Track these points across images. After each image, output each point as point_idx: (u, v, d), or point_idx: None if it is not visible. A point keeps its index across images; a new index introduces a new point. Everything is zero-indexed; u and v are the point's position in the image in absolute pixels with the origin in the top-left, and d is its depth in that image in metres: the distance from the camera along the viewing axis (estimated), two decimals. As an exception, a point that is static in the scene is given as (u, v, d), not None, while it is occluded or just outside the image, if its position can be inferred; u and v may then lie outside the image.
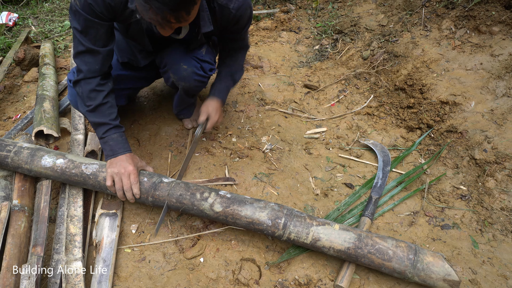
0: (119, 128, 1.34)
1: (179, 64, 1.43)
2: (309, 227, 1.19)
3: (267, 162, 1.69)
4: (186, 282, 1.22)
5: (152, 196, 1.29)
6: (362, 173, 1.68)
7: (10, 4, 3.34)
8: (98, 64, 1.27)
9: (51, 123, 1.64)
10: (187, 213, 1.31)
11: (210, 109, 1.52)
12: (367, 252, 1.15)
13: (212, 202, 1.25)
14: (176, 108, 1.81)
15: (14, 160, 1.38)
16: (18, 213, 1.27)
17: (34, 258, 1.10)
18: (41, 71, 2.12)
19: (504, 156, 1.53)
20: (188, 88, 1.53)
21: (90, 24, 1.18)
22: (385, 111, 2.02)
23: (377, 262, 1.15)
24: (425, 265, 1.12)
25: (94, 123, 1.32)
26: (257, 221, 1.21)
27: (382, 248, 1.15)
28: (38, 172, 1.37)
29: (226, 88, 1.60)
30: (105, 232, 1.31)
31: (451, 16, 2.16)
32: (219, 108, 1.56)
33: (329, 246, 1.18)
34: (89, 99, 1.30)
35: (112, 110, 1.33)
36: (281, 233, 1.20)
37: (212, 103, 1.54)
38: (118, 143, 1.32)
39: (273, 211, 1.22)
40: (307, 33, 2.85)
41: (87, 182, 1.35)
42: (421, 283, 1.14)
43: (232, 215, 1.23)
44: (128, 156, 1.31)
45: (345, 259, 1.21)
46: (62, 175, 1.35)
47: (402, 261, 1.13)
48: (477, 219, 1.44)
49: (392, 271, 1.15)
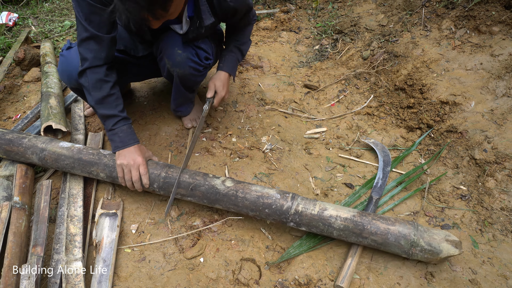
0: (128, 120, 1.37)
1: (173, 48, 1.41)
2: (315, 201, 1.28)
3: (267, 162, 1.69)
4: (186, 282, 1.22)
5: (166, 172, 1.34)
6: (362, 173, 1.68)
7: (10, 4, 3.34)
8: (104, 52, 1.27)
9: (59, 118, 1.65)
10: (198, 189, 1.30)
11: (217, 84, 1.50)
12: (371, 219, 1.21)
13: (224, 179, 1.33)
14: (173, 102, 1.75)
15: (31, 140, 1.45)
16: (19, 211, 1.27)
17: (34, 258, 1.10)
18: (43, 70, 2.13)
19: (504, 156, 1.53)
20: (183, 76, 1.50)
21: (94, 9, 1.18)
22: (385, 111, 2.02)
23: (382, 227, 1.18)
24: (426, 228, 1.20)
25: (102, 115, 1.33)
26: (267, 195, 1.27)
27: (384, 216, 1.24)
28: (52, 151, 1.41)
29: (233, 60, 1.57)
30: (105, 232, 1.31)
31: (451, 16, 2.16)
32: (227, 81, 1.53)
33: (336, 215, 1.21)
34: (95, 89, 1.30)
35: (119, 101, 1.35)
36: (290, 204, 1.23)
37: (219, 76, 1.51)
38: (128, 134, 1.34)
39: (280, 190, 1.31)
40: (307, 33, 2.85)
41: (101, 161, 1.38)
42: (428, 247, 1.15)
43: (242, 189, 1.28)
44: (137, 148, 1.34)
45: (352, 229, 1.20)
46: (77, 153, 1.40)
47: (404, 224, 1.19)
48: (477, 219, 1.44)
49: (398, 235, 1.16)
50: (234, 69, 1.59)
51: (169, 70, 1.50)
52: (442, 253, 1.15)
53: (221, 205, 1.32)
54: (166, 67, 1.49)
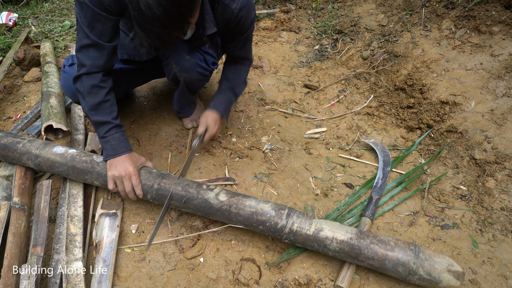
0: (120, 128, 1.34)
1: (182, 54, 1.41)
2: (312, 219, 1.22)
3: (267, 162, 1.69)
4: (186, 282, 1.22)
5: (158, 184, 1.31)
6: (362, 173, 1.68)
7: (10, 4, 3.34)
8: (103, 60, 1.26)
9: (59, 117, 1.64)
10: (191, 202, 1.28)
11: (209, 120, 1.51)
12: (369, 243, 1.15)
13: (218, 192, 1.29)
14: (176, 104, 1.77)
15: (26, 146, 1.41)
16: (18, 212, 1.27)
17: (34, 258, 1.10)
18: (43, 69, 2.13)
19: (504, 156, 1.53)
20: (190, 81, 1.51)
21: (97, 17, 1.17)
22: (385, 111, 2.02)
23: (380, 253, 1.13)
24: (427, 255, 1.12)
25: (96, 122, 1.31)
26: (261, 211, 1.23)
27: (383, 239, 1.17)
28: (46, 158, 1.38)
29: (226, 101, 1.57)
30: (105, 232, 1.31)
31: (451, 16, 2.16)
32: (218, 120, 1.54)
33: (332, 236, 1.17)
34: (90, 95, 1.28)
35: (113, 108, 1.33)
36: (284, 223, 1.20)
37: (211, 114, 1.52)
38: (120, 142, 1.32)
39: (276, 205, 1.26)
40: (307, 33, 2.85)
41: (94, 169, 1.34)
42: (427, 277, 1.10)
43: (236, 204, 1.25)
44: (128, 157, 1.31)
45: (348, 252, 1.16)
46: (70, 161, 1.37)
47: (405, 250, 1.13)
48: (477, 219, 1.44)
49: (396, 263, 1.11)
50: (227, 110, 1.59)
51: (175, 75, 1.51)
52: (441, 283, 1.10)
53: (215, 218, 1.30)
54: (173, 72, 1.50)
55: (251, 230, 1.28)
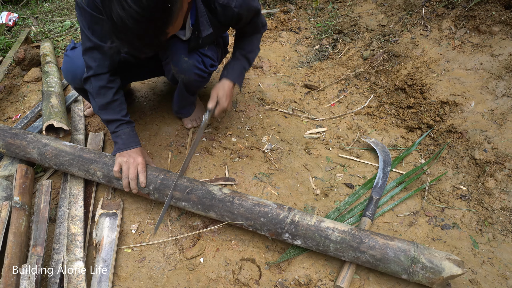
0: (131, 124, 1.40)
1: (180, 55, 1.41)
2: (312, 214, 1.27)
3: (267, 162, 1.69)
4: (186, 282, 1.22)
5: (164, 175, 1.34)
6: (362, 173, 1.68)
7: (10, 4, 3.34)
8: (107, 60, 1.30)
9: (60, 117, 1.65)
10: (194, 193, 1.29)
11: (220, 93, 1.44)
12: (369, 233, 1.19)
13: (221, 188, 1.34)
14: (175, 105, 1.77)
15: (36, 136, 1.49)
16: (19, 211, 1.27)
17: (34, 258, 1.10)
18: (44, 69, 2.13)
19: (504, 156, 1.53)
20: (187, 82, 1.51)
21: (96, 20, 1.19)
22: (385, 111, 2.02)
23: (381, 241, 1.16)
24: (425, 246, 1.17)
25: (106, 120, 1.37)
26: (263, 203, 1.27)
27: (382, 233, 1.22)
28: (54, 147, 1.43)
29: (240, 68, 1.51)
30: (105, 232, 1.31)
31: (451, 16, 2.16)
32: (230, 91, 1.47)
33: (333, 226, 1.20)
34: (99, 96, 1.33)
35: (123, 106, 1.38)
36: (286, 214, 1.23)
37: (223, 85, 1.46)
38: (130, 137, 1.38)
39: (278, 203, 1.30)
40: (307, 33, 2.85)
41: (101, 159, 1.39)
42: (429, 264, 1.10)
43: (239, 196, 1.29)
44: (138, 150, 1.37)
45: (349, 242, 1.16)
46: (78, 151, 1.43)
47: (404, 241, 1.17)
48: (477, 219, 1.44)
49: (398, 250, 1.13)
50: (240, 77, 1.53)
51: (174, 75, 1.52)
52: (444, 271, 1.08)
53: (215, 212, 1.29)
54: (172, 72, 1.51)
55: (251, 226, 1.28)
